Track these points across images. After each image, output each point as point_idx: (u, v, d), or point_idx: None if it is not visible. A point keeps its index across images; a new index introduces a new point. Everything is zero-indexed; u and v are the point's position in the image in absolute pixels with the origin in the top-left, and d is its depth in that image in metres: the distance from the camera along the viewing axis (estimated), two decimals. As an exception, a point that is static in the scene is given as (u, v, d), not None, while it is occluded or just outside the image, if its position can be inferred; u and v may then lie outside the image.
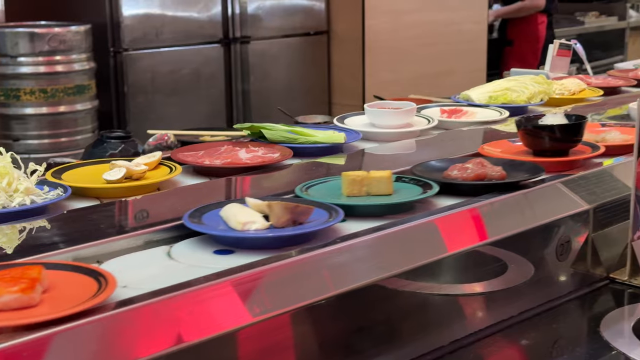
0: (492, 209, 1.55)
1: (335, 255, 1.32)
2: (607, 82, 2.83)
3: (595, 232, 1.68)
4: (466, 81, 5.35)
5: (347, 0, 4.94)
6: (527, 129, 1.84)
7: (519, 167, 1.72)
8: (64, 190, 1.55)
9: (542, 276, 1.61)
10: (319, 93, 5.09)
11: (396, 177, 1.62)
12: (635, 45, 7.37)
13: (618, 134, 1.98)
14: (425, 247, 1.44)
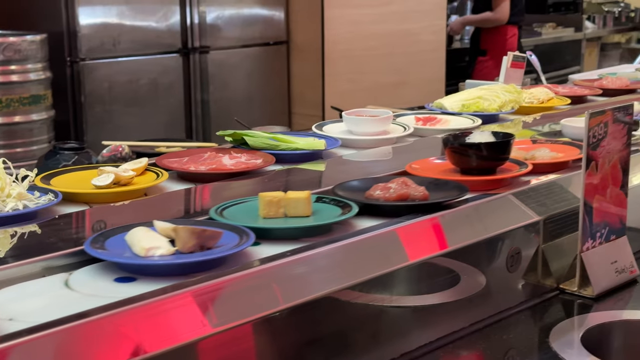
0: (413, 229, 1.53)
1: (239, 283, 1.25)
2: (573, 91, 2.91)
3: (546, 243, 1.70)
4: (425, 91, 5.41)
5: (306, 10, 4.95)
6: (453, 147, 1.79)
7: (443, 186, 1.67)
8: (54, 196, 1.59)
9: (494, 287, 1.62)
10: (278, 103, 5.09)
11: (316, 197, 1.57)
12: (592, 56, 7.48)
13: (547, 151, 1.94)
14: (336, 271, 1.37)
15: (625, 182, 1.75)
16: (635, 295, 1.73)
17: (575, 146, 1.99)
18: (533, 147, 1.98)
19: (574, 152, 1.97)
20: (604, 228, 1.71)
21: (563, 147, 2.01)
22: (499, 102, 2.50)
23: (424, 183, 1.65)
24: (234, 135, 2.05)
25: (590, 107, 2.68)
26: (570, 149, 1.99)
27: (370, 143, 2.15)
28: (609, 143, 1.68)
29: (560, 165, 1.90)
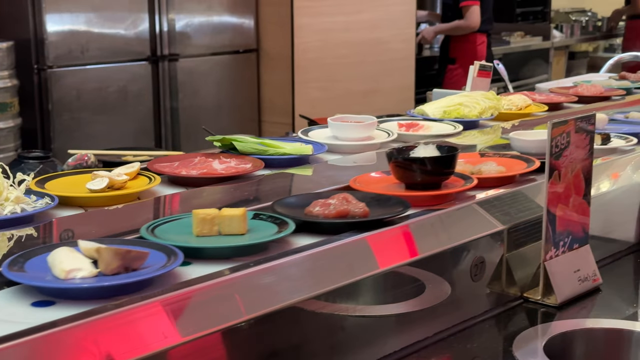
0: (380, 238, 1.53)
1: (164, 305, 1.19)
2: (550, 98, 2.96)
3: (510, 252, 1.71)
4: (395, 99, 5.44)
5: (276, 18, 4.95)
6: (397, 161, 1.74)
7: (385, 202, 1.63)
8: (51, 200, 1.61)
9: (458, 296, 1.63)
10: (248, 111, 5.08)
11: (253, 214, 1.53)
12: (559, 65, 7.55)
13: (494, 165, 1.90)
14: (267, 293, 1.32)
15: (588, 191, 1.77)
16: (598, 304, 1.75)
17: (523, 160, 1.96)
18: (480, 161, 1.95)
19: (520, 166, 1.93)
20: (567, 237, 1.72)
21: (511, 161, 1.97)
22: (479, 108, 2.56)
23: (366, 199, 1.61)
24: (223, 140, 2.09)
25: (570, 113, 2.77)
26: (518, 163, 1.95)
27: (355, 148, 2.19)
28: (572, 152, 1.70)
29: (506, 180, 1.86)
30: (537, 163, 1.90)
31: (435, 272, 1.60)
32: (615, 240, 2.02)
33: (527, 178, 1.90)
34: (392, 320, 1.53)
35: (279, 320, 1.31)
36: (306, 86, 5.03)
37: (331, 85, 5.17)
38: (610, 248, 2.00)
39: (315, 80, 5.09)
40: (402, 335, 1.52)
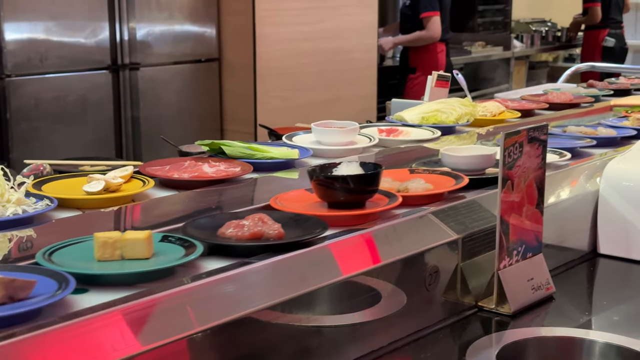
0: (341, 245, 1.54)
1: (44, 338, 1.12)
2: (522, 105, 3.06)
3: (464, 261, 1.73)
4: (357, 108, 5.46)
5: (238, 28, 4.95)
6: (319, 179, 1.66)
7: (304, 223, 1.56)
8: (50, 202, 1.66)
9: (413, 305, 1.64)
10: (210, 120, 5.07)
11: (162, 236, 1.45)
12: (520, 74, 7.64)
13: (422, 182, 1.83)
14: (170, 322, 1.25)
15: (541, 200, 1.79)
16: (551, 312, 1.77)
17: (452, 176, 1.91)
18: (409, 178, 1.89)
19: (449, 184, 1.87)
20: (521, 246, 1.74)
21: (440, 177, 1.91)
22: (455, 114, 2.63)
23: (284, 219, 1.55)
24: (212, 144, 2.15)
25: (540, 120, 2.83)
26: (447, 180, 1.89)
27: (338, 153, 2.25)
28: (525, 162, 1.72)
29: (433, 198, 1.80)
30: (466, 180, 1.86)
31: (391, 281, 1.61)
32: (569, 248, 2.04)
33: (456, 195, 1.85)
34: (348, 330, 1.54)
35: (232, 331, 1.30)
36: (268, 95, 5.03)
37: (293, 94, 5.18)
38: (564, 257, 2.02)
39: (277, 90, 5.09)
40: (357, 345, 1.52)
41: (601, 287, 2.01)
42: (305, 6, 5.18)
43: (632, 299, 1.90)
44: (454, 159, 2.01)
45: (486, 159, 1.99)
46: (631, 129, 2.59)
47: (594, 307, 1.87)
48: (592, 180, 2.09)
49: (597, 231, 2.06)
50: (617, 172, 2.02)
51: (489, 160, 1.99)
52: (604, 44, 7.40)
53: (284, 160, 2.10)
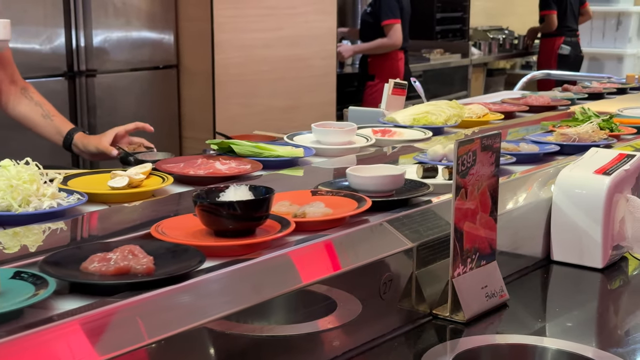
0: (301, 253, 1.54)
1: None
2: (503, 108, 3.22)
3: (419, 269, 1.73)
4: (316, 114, 5.46)
5: (196, 34, 4.93)
6: (203, 205, 1.52)
7: (182, 254, 1.42)
8: (81, 196, 1.78)
9: (368, 314, 1.63)
10: (169, 127, 5.03)
11: (15, 271, 1.30)
12: (478, 81, 7.71)
13: (322, 206, 1.69)
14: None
15: (495, 208, 1.80)
16: (505, 319, 1.78)
17: (356, 199, 1.77)
18: (310, 200, 1.75)
19: (350, 207, 1.73)
20: (475, 254, 1.75)
21: (343, 200, 1.78)
22: (444, 116, 2.79)
23: (161, 250, 1.42)
24: (221, 144, 2.29)
25: (520, 123, 2.94)
26: (349, 203, 1.76)
27: (338, 152, 2.41)
28: (478, 171, 1.73)
29: (332, 223, 1.66)
30: (369, 202, 1.73)
31: (347, 289, 1.61)
32: (523, 255, 2.06)
33: (361, 219, 1.72)
34: (304, 339, 1.53)
35: (183, 343, 1.29)
36: (227, 102, 5.01)
37: (252, 101, 5.17)
38: (519, 264, 2.04)
39: (236, 97, 5.08)
40: (312, 355, 1.52)
41: (555, 294, 2.03)
42: (264, 13, 5.18)
43: (585, 305, 1.93)
44: (360, 179, 1.85)
45: (394, 179, 1.86)
46: (555, 144, 2.47)
47: (548, 314, 1.88)
48: (545, 188, 2.11)
49: (551, 238, 2.08)
50: (570, 180, 2.05)
51: (397, 181, 1.86)
52: (559, 51, 7.50)
53: (290, 158, 2.25)
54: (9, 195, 1.68)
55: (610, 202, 1.99)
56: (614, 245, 2.05)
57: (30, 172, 1.73)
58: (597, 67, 8.70)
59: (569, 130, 2.53)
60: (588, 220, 2.00)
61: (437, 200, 1.90)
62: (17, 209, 1.67)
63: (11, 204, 1.67)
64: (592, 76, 4.66)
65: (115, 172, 1.91)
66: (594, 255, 2.01)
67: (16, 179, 1.70)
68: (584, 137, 2.50)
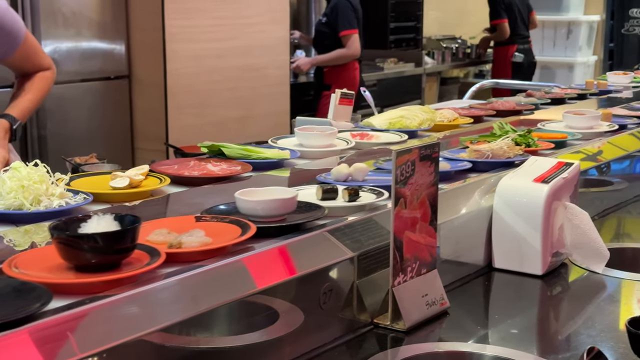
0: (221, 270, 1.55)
1: None
2: (472, 112, 3.35)
3: (360, 278, 1.74)
4: (270, 124, 5.47)
5: (147, 45, 4.91)
6: (60, 238, 1.37)
7: (26, 294, 1.27)
8: (87, 196, 1.88)
9: (310, 324, 1.64)
10: (120, 138, 5.00)
11: None
12: (432, 90, 7.78)
13: (201, 234, 1.58)
14: None
15: (434, 217, 1.82)
16: (447, 327, 1.80)
17: (240, 225, 1.64)
18: (191, 227, 1.62)
19: (234, 234, 1.60)
20: (415, 262, 1.77)
21: (226, 227, 1.65)
22: (418, 120, 2.92)
23: (6, 289, 1.29)
24: (212, 147, 2.39)
25: (487, 128, 2.93)
26: (232, 230, 1.63)
27: (321, 154, 2.54)
28: (417, 180, 1.75)
29: (211, 253, 1.53)
30: (252, 230, 1.61)
31: (288, 299, 1.62)
32: (465, 263, 2.08)
33: (246, 246, 1.60)
34: (245, 350, 1.53)
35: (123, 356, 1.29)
36: (179, 112, 5.00)
37: (205, 111, 5.16)
38: (460, 271, 2.06)
39: (189, 107, 5.06)
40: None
41: (496, 301, 2.06)
42: (216, 23, 5.18)
43: (525, 312, 1.95)
44: (248, 204, 1.72)
45: (284, 203, 1.73)
46: (467, 161, 2.32)
47: (488, 321, 1.91)
48: (486, 196, 2.13)
49: (492, 246, 2.11)
50: (510, 188, 2.08)
51: (287, 205, 1.74)
52: (513, 59, 7.61)
53: (277, 160, 2.37)
54: (21, 194, 1.78)
55: (549, 209, 2.03)
56: (554, 252, 2.08)
57: (39, 173, 1.82)
58: (548, 75, 8.83)
59: (482, 147, 2.40)
60: (528, 227, 2.03)
61: (378, 209, 1.91)
62: (30, 208, 1.77)
63: (23, 203, 1.77)
64: (541, 85, 4.74)
65: (115, 173, 2.03)
66: (534, 262, 2.05)
67: (27, 179, 1.80)
68: (498, 154, 2.37)
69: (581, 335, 1.80)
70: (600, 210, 2.72)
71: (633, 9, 9.27)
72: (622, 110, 3.32)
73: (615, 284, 2.07)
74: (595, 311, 1.95)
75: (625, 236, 2.60)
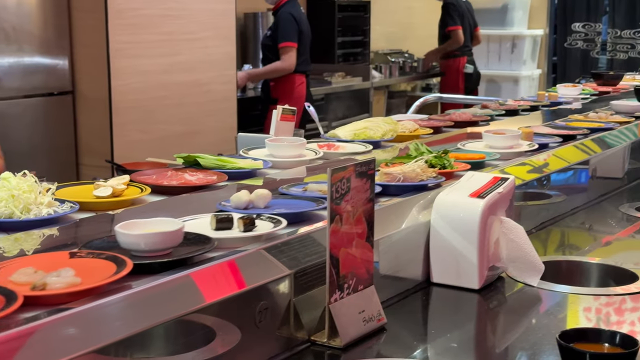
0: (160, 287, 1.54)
1: None
2: (431, 123, 3.47)
3: (297, 296, 1.74)
4: (217, 140, 5.45)
5: (91, 60, 4.86)
6: None
7: None
8: (73, 205, 1.96)
9: (247, 342, 1.64)
10: (64, 154, 4.95)
11: None
12: (380, 103, 7.83)
13: (70, 274, 1.44)
14: None
15: (371, 233, 1.83)
16: (384, 342, 1.81)
17: (118, 262, 1.52)
18: (63, 265, 1.49)
19: (107, 273, 1.48)
20: (352, 279, 1.78)
21: (103, 263, 1.53)
22: (381, 131, 3.04)
23: None
24: (188, 157, 2.49)
25: (446, 139, 3.05)
26: (108, 267, 1.50)
27: (290, 164, 2.65)
28: (353, 197, 1.76)
29: (77, 295, 1.40)
30: (129, 266, 1.49)
31: (225, 318, 1.61)
32: (403, 278, 2.09)
33: (122, 285, 1.47)
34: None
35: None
36: (125, 128, 4.96)
37: (150, 127, 5.13)
38: (399, 287, 2.07)
39: (134, 123, 5.03)
40: (184, 387, 1.51)
41: (434, 315, 2.07)
42: (161, 39, 5.16)
43: (463, 326, 1.97)
44: (128, 238, 1.59)
45: (168, 236, 1.60)
46: (378, 184, 2.13)
47: (427, 336, 1.92)
48: (424, 212, 2.15)
49: (430, 261, 2.12)
50: (447, 204, 2.10)
51: (172, 238, 1.61)
52: (465, 70, 7.72)
53: (250, 170, 2.47)
54: (12, 203, 1.85)
55: (485, 224, 2.05)
56: (490, 266, 2.11)
57: (28, 183, 1.90)
58: (494, 88, 8.97)
59: (394, 170, 2.27)
60: (464, 242, 2.06)
61: (315, 226, 1.92)
62: (20, 216, 1.85)
63: (13, 212, 1.85)
64: (482, 99, 4.81)
65: (98, 183, 2.11)
66: (471, 277, 2.07)
67: (17, 189, 1.87)
68: (410, 177, 2.25)
69: (517, 348, 1.83)
70: (538, 223, 2.77)
71: (575, 23, 9.47)
72: (545, 129, 3.31)
73: (550, 297, 2.10)
74: (530, 324, 1.98)
75: (562, 249, 2.64)
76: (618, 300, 2.06)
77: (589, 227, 2.88)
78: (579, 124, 3.48)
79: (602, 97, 4.74)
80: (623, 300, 2.06)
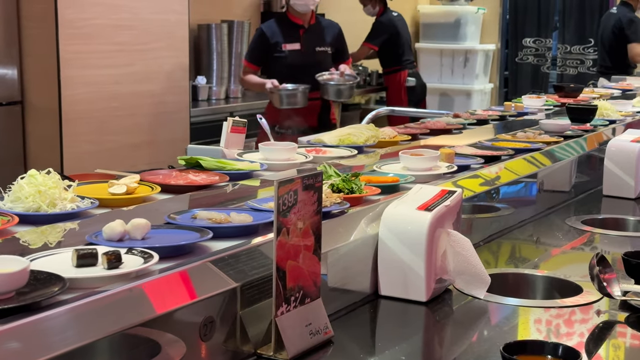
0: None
1: None
2: (409, 131, 3.66)
3: (244, 309, 1.74)
4: (169, 151, 5.41)
5: (41, 70, 4.81)
6: None
7: None
8: (93, 201, 2.12)
9: (192, 356, 1.62)
10: (13, 166, 4.86)
11: None
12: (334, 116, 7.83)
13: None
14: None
15: (318, 246, 1.82)
16: (331, 355, 1.80)
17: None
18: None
19: None
20: (299, 292, 1.77)
21: None
22: (364, 137, 3.25)
23: None
24: (190, 159, 2.64)
25: (423, 145, 2.94)
26: None
27: (284, 166, 2.82)
28: (300, 210, 1.75)
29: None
30: None
31: (171, 331, 1.59)
32: (352, 291, 2.09)
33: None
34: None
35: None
36: (75, 139, 4.90)
37: (102, 138, 5.08)
38: (347, 299, 2.07)
39: (85, 134, 4.97)
40: (127, 402, 1.49)
41: (382, 328, 2.08)
42: (113, 49, 5.11)
43: (411, 338, 1.98)
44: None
45: (8, 278, 1.41)
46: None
47: (374, 348, 1.92)
48: (372, 224, 2.16)
49: (378, 273, 2.13)
50: (394, 216, 2.10)
51: (15, 280, 1.42)
52: (406, 84, 7.78)
53: (248, 171, 2.65)
54: (39, 198, 1.99)
55: (432, 237, 2.06)
56: (437, 279, 2.12)
57: (53, 180, 2.04)
58: (447, 102, 9.04)
59: None
60: (412, 255, 2.06)
61: (263, 239, 1.91)
62: (47, 210, 1.99)
63: (40, 206, 1.98)
64: (434, 112, 4.85)
65: (112, 181, 2.27)
66: (418, 289, 2.08)
67: (43, 185, 2.01)
68: None
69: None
70: (487, 236, 2.79)
71: (526, 38, 9.61)
72: (468, 149, 3.13)
73: (497, 309, 2.12)
74: (477, 337, 1.99)
75: (511, 261, 2.66)
76: (567, 312, 2.09)
77: (536, 240, 2.91)
78: (505, 144, 3.32)
79: (564, 109, 4.84)
80: (572, 312, 2.09)
